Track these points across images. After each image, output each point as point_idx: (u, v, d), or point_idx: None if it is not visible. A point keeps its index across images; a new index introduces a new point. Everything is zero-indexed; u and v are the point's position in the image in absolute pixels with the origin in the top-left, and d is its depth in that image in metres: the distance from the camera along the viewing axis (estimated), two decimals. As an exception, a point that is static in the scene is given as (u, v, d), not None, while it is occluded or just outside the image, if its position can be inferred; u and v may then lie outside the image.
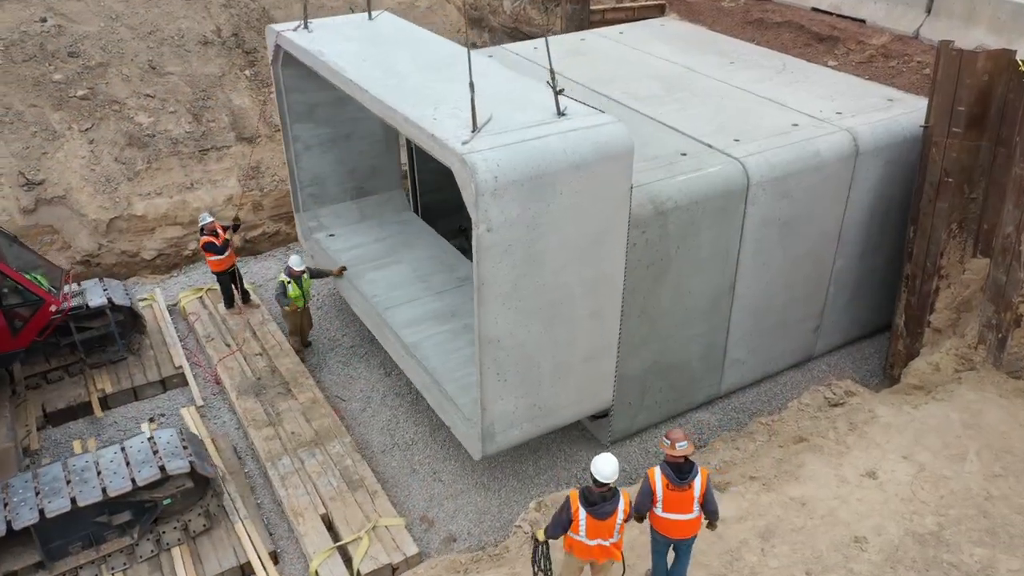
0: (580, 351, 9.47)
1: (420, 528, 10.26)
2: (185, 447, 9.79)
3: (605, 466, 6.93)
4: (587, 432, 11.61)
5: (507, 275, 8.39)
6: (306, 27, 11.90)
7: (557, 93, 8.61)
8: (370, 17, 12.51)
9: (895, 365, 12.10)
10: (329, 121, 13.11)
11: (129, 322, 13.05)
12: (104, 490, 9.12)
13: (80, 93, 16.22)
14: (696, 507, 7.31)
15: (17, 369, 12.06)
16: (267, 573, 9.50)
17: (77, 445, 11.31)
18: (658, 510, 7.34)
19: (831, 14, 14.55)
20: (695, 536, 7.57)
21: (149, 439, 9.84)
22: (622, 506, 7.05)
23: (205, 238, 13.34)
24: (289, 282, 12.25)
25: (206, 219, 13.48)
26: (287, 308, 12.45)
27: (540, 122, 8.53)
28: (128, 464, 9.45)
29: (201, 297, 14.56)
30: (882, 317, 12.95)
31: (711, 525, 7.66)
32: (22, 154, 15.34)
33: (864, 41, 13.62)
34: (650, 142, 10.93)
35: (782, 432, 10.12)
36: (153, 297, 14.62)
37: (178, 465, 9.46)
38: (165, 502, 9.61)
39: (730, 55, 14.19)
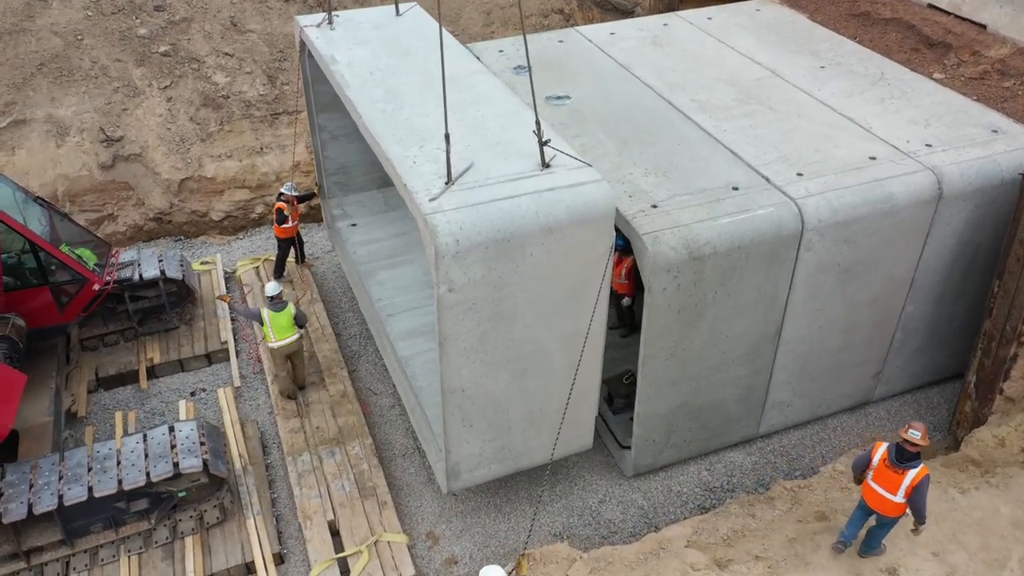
0: (556, 399, 9.11)
1: (424, 545, 10.25)
2: (203, 443, 10.04)
3: None
4: (610, 459, 11.23)
5: (471, 331, 8.09)
6: (330, 22, 11.55)
7: (543, 144, 7.99)
8: (397, 12, 11.97)
9: (960, 425, 11.03)
10: (355, 112, 12.88)
11: (182, 292, 13.41)
12: (120, 482, 9.51)
13: (162, 49, 16.44)
14: (901, 493, 7.94)
15: (74, 332, 12.64)
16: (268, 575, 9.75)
17: (118, 417, 11.83)
18: (868, 476, 8.22)
19: (948, 14, 12.83)
20: (895, 519, 8.22)
21: (170, 429, 10.15)
22: None
23: (280, 203, 13.69)
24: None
25: (289, 189, 13.79)
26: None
27: (520, 175, 8.01)
28: (147, 456, 9.80)
29: (258, 268, 14.79)
30: (959, 364, 11.77)
31: (915, 530, 8.22)
32: (104, 109, 15.77)
33: (980, 51, 11.98)
34: (704, 169, 10.06)
35: (805, 502, 9.41)
36: (214, 262, 14.95)
37: (191, 464, 9.72)
38: (180, 494, 9.97)
39: (823, 57, 12.80)
